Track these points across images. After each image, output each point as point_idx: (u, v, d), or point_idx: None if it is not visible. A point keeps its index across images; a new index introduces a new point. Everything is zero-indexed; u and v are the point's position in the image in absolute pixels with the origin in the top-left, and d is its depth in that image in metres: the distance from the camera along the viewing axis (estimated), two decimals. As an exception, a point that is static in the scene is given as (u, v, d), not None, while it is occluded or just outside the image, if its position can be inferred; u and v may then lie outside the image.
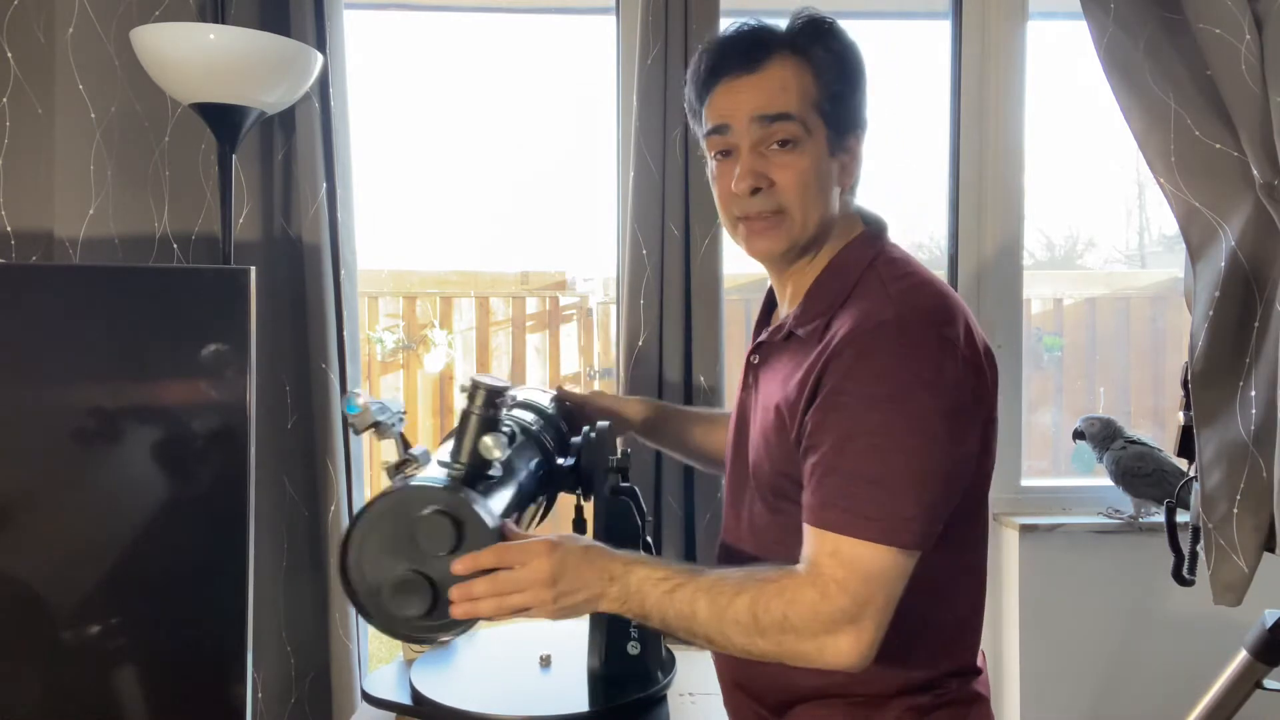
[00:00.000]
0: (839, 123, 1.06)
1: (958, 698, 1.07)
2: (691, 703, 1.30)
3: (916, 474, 0.93)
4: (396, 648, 1.47)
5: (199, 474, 1.40)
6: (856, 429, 0.94)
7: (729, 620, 0.94)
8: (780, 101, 1.04)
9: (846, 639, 0.92)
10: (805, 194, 1.05)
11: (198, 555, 1.38)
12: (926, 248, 2.39)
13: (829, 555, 0.94)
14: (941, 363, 0.95)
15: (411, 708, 1.23)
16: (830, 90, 1.05)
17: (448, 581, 0.94)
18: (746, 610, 0.93)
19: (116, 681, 1.38)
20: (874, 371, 0.95)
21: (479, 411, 1.00)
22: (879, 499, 0.93)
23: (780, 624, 0.92)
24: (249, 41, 1.52)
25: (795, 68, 1.05)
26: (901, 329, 0.96)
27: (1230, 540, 1.59)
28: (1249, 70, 1.53)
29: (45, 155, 1.73)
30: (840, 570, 0.93)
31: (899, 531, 0.93)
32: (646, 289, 1.82)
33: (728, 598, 0.94)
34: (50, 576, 1.37)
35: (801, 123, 1.04)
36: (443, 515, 0.93)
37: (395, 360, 4.12)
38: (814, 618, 0.92)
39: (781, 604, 0.93)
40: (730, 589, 0.94)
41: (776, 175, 1.05)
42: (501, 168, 4.15)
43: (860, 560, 0.93)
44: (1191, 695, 1.65)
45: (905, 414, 0.94)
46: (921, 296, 1.00)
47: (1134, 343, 3.30)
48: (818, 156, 1.05)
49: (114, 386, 1.39)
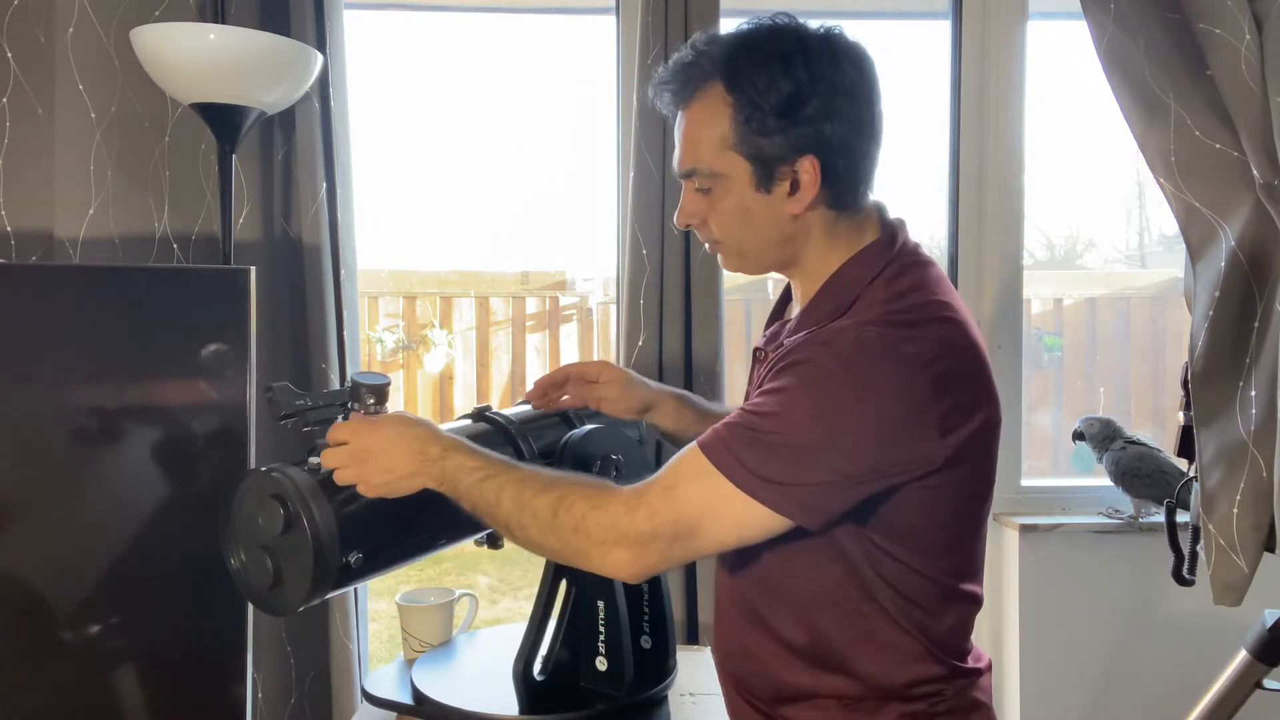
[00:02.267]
0: (764, 158, 1.01)
1: (956, 705, 1.05)
2: (692, 703, 1.30)
3: (803, 450, 0.93)
4: (396, 648, 1.47)
5: (199, 474, 1.40)
6: (777, 401, 0.95)
7: (529, 512, 0.98)
8: (688, 156, 1.05)
9: (627, 554, 0.96)
10: (730, 230, 1.06)
11: (198, 555, 1.38)
12: (927, 248, 2.38)
13: (663, 486, 0.96)
14: (888, 371, 0.93)
15: (412, 707, 1.23)
16: (746, 129, 1.00)
17: (287, 565, 1.03)
18: (548, 507, 0.97)
19: (116, 682, 1.38)
20: (817, 361, 0.95)
21: (362, 409, 1.07)
22: (754, 451, 0.94)
23: (575, 525, 0.96)
24: (249, 41, 1.52)
25: (713, 105, 1.02)
26: (860, 334, 0.95)
27: (1230, 540, 1.59)
28: (1249, 70, 1.53)
29: (45, 155, 1.73)
30: (661, 502, 0.95)
31: (755, 485, 0.93)
32: (646, 289, 1.82)
33: (533, 492, 0.99)
34: (50, 576, 1.36)
35: (709, 173, 1.03)
36: (275, 499, 1.01)
37: (395, 360, 4.12)
38: (609, 527, 0.96)
39: (585, 507, 0.97)
40: (539, 485, 0.99)
41: (705, 214, 1.07)
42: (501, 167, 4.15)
43: (690, 495, 0.95)
44: (1191, 695, 1.65)
45: (823, 400, 0.93)
46: (901, 311, 0.98)
47: (1134, 343, 3.30)
48: (740, 196, 1.03)
49: (114, 386, 1.39)
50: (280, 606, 1.05)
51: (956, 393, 0.96)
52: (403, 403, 4.09)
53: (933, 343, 0.95)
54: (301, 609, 1.03)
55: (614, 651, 1.20)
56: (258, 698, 1.82)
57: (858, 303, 1.01)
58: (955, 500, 1.01)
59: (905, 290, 1.01)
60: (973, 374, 0.98)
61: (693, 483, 0.95)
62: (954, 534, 1.04)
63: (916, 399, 0.93)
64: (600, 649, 1.21)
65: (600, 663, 1.21)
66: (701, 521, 0.95)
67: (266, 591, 1.04)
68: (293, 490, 1.00)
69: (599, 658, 1.21)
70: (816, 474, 0.93)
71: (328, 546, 1.00)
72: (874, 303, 1.00)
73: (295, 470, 1.03)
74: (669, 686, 1.27)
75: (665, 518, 0.95)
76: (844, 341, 0.95)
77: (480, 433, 1.19)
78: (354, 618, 1.83)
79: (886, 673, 1.03)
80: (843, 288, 1.04)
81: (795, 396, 0.94)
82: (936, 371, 0.94)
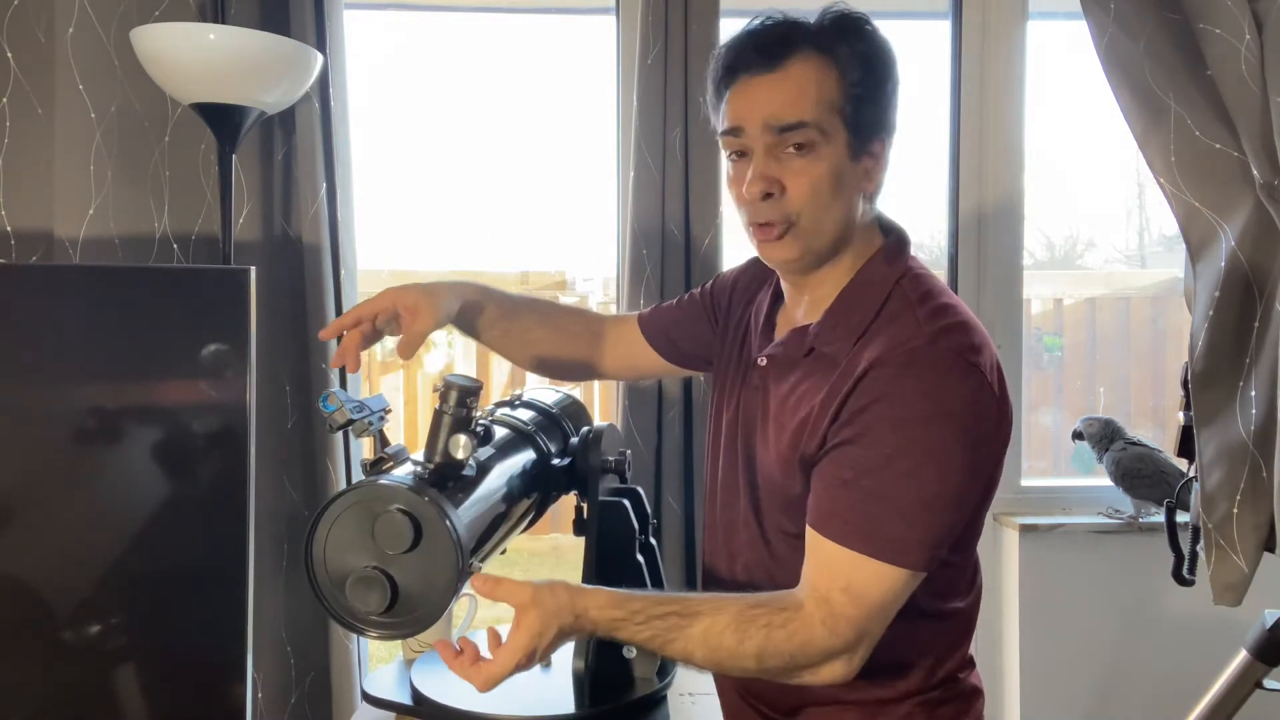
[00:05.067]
0: (862, 127, 1.01)
1: (960, 691, 1.09)
2: (692, 703, 1.30)
3: (931, 500, 0.94)
4: (396, 648, 1.47)
5: (199, 474, 1.40)
6: (877, 450, 0.95)
7: (731, 667, 0.96)
8: (796, 108, 0.99)
9: (841, 664, 0.95)
10: (818, 201, 1.00)
11: (197, 555, 1.38)
12: (927, 248, 2.38)
13: (841, 591, 0.94)
14: (967, 393, 0.96)
15: (412, 708, 1.22)
16: (854, 92, 1.00)
17: (407, 580, 0.95)
18: (753, 656, 0.95)
19: (116, 681, 1.38)
20: (901, 396, 0.95)
21: (450, 411, 1.01)
22: (893, 520, 0.94)
23: (787, 663, 0.95)
24: (249, 41, 1.52)
25: (818, 67, 0.99)
26: (932, 357, 0.96)
27: (1230, 540, 1.59)
28: (1249, 70, 1.53)
29: (45, 155, 1.73)
30: (851, 607, 0.94)
31: (910, 554, 0.94)
32: (646, 289, 1.82)
33: (729, 649, 0.95)
34: (50, 576, 1.36)
35: (818, 128, 0.99)
36: (403, 514, 0.93)
37: (395, 360, 4.12)
38: (819, 652, 0.95)
39: (792, 647, 0.94)
40: (731, 638, 0.94)
41: (789, 181, 1.00)
42: (501, 168, 4.15)
43: (870, 591, 0.94)
44: (1191, 695, 1.65)
45: (927, 440, 0.94)
46: (952, 324, 0.99)
47: (1134, 343, 3.30)
48: (836, 162, 1.00)
49: (114, 386, 1.39)
50: (403, 628, 0.97)
51: (1005, 401, 1.01)
52: (402, 403, 4.09)
53: (987, 354, 0.99)
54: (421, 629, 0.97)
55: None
56: (258, 698, 1.82)
57: (889, 304, 1.02)
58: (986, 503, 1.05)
59: (936, 293, 1.03)
60: (1000, 373, 1.01)
61: (860, 573, 0.94)
62: (977, 527, 1.07)
63: (993, 414, 0.98)
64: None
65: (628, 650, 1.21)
66: (887, 606, 0.96)
67: (378, 615, 0.96)
68: (421, 500, 0.94)
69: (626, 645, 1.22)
70: (946, 517, 0.96)
71: (466, 551, 0.95)
72: (914, 303, 1.01)
73: (401, 478, 0.97)
74: (668, 686, 1.27)
75: (862, 621, 0.95)
76: (927, 368, 0.96)
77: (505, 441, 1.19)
78: (354, 618, 1.83)
79: (916, 674, 1.06)
80: (867, 290, 1.04)
81: (897, 443, 0.95)
82: (993, 380, 0.98)
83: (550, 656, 0.99)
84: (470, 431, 1.01)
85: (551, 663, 1.30)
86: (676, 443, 1.83)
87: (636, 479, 1.75)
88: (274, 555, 1.83)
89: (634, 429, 1.82)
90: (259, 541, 1.47)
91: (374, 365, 4.06)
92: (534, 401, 1.31)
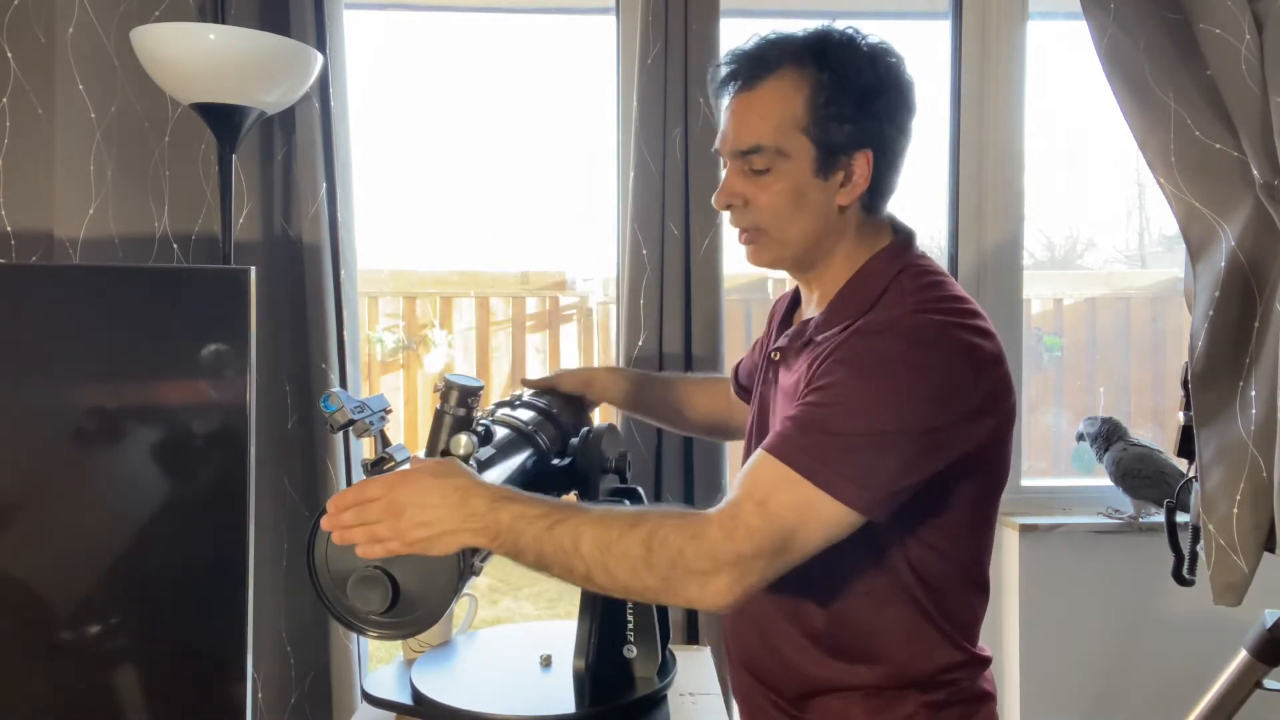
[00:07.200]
0: (832, 144, 1.04)
1: (968, 694, 1.09)
2: (692, 703, 1.30)
3: (878, 438, 0.94)
4: (396, 648, 1.47)
5: (199, 474, 1.40)
6: (834, 389, 0.97)
7: (618, 553, 0.92)
8: (753, 134, 1.05)
9: (726, 579, 0.92)
10: (779, 216, 1.06)
11: (198, 555, 1.38)
12: (926, 247, 2.38)
13: (754, 502, 0.93)
14: (937, 360, 0.97)
15: (412, 708, 1.23)
16: (823, 112, 1.03)
17: (408, 580, 0.95)
18: (640, 543, 0.92)
19: (116, 681, 1.38)
20: (869, 347, 0.98)
21: (451, 411, 1.02)
22: (833, 448, 0.94)
23: (673, 558, 0.92)
24: (249, 41, 1.52)
25: (791, 86, 1.04)
26: (910, 323, 0.99)
27: (1230, 540, 1.59)
28: (1249, 70, 1.53)
29: (45, 155, 1.73)
30: (757, 517, 0.93)
31: (841, 485, 0.93)
32: (646, 289, 1.82)
33: (619, 530, 0.92)
34: (50, 576, 1.36)
35: (776, 150, 1.04)
36: None
37: (395, 360, 4.12)
38: (708, 555, 0.92)
39: (682, 538, 0.92)
40: (623, 522, 0.93)
41: (751, 195, 1.07)
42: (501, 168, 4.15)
43: (784, 510, 0.93)
44: (1191, 695, 1.65)
45: (885, 382, 0.95)
46: (944, 305, 1.01)
47: (1134, 343, 3.30)
48: (800, 179, 1.05)
49: (114, 386, 1.39)
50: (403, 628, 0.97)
51: (993, 376, 1.00)
52: (402, 403, 4.09)
53: (971, 330, 1.00)
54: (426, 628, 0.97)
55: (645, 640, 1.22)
56: (258, 698, 1.82)
57: (886, 294, 1.05)
58: (981, 486, 1.05)
59: (934, 284, 1.05)
60: (999, 362, 1.02)
61: (782, 493, 0.93)
62: (977, 521, 1.08)
63: (963, 381, 0.97)
64: (629, 636, 1.23)
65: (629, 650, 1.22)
66: (796, 531, 0.93)
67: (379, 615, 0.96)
68: None
69: (627, 645, 1.22)
70: (889, 460, 0.94)
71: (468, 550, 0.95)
72: (906, 293, 1.03)
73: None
74: (669, 686, 1.28)
75: (764, 534, 0.92)
76: (900, 329, 0.98)
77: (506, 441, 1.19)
78: (354, 618, 1.83)
79: (913, 661, 1.06)
80: (868, 282, 1.07)
81: (856, 387, 0.96)
82: (977, 356, 0.99)
83: (420, 528, 0.93)
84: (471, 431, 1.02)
85: (551, 662, 1.30)
86: (676, 443, 1.83)
87: (636, 479, 1.75)
88: (274, 555, 1.83)
89: (634, 429, 1.82)
90: (259, 541, 1.47)
91: (374, 365, 4.06)
92: (534, 402, 1.32)
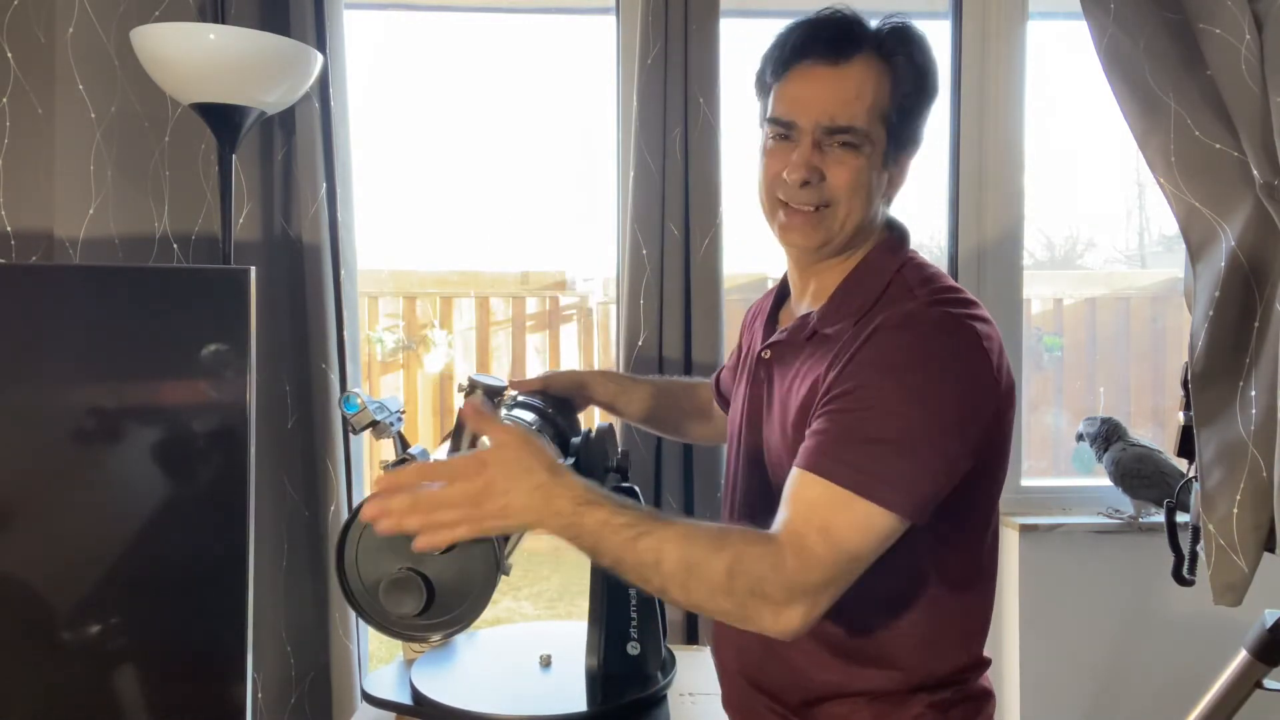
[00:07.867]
0: (900, 138, 1.05)
1: (972, 693, 1.09)
2: (692, 703, 1.30)
3: (917, 440, 0.93)
4: (396, 648, 1.47)
5: (199, 474, 1.40)
6: (864, 394, 0.95)
7: (700, 575, 0.90)
8: (850, 112, 1.02)
9: (802, 608, 0.90)
10: (854, 195, 1.04)
11: (198, 555, 1.38)
12: (926, 248, 2.38)
13: (817, 531, 0.91)
14: (959, 346, 0.97)
15: (412, 708, 1.23)
16: (902, 104, 1.04)
17: (443, 581, 0.95)
18: (724, 569, 0.89)
19: (116, 681, 1.38)
20: (891, 346, 0.96)
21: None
22: (875, 457, 0.92)
23: (753, 587, 0.90)
24: (249, 41, 1.52)
25: (876, 72, 1.03)
26: (928, 317, 0.98)
27: (1230, 540, 1.59)
28: (1249, 70, 1.53)
29: (45, 155, 1.73)
30: (824, 548, 0.91)
31: (891, 494, 0.91)
32: (646, 289, 1.82)
33: (703, 552, 0.90)
34: (50, 576, 1.36)
35: (865, 134, 1.03)
36: None
37: (395, 360, 4.12)
38: (787, 586, 0.90)
39: (763, 568, 0.90)
40: (706, 544, 0.91)
41: (830, 171, 1.03)
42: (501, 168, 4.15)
43: (847, 535, 0.91)
44: (1191, 695, 1.65)
45: (913, 383, 0.94)
46: (952, 298, 1.02)
47: (1134, 343, 3.30)
48: (871, 165, 1.04)
49: (114, 386, 1.39)
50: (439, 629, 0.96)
51: (1004, 365, 1.01)
52: (402, 403, 4.09)
53: (979, 319, 1.00)
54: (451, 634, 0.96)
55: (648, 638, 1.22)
56: (258, 698, 1.82)
57: (891, 288, 1.04)
58: (993, 482, 1.05)
59: (938, 276, 1.05)
60: (1004, 350, 1.02)
61: (840, 516, 0.92)
62: (988, 517, 1.08)
63: (985, 370, 0.97)
64: (632, 634, 1.23)
65: (632, 647, 1.22)
66: (861, 551, 0.92)
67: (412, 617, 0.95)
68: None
69: (631, 643, 1.22)
70: (934, 460, 0.93)
71: (500, 550, 0.94)
72: (913, 286, 1.03)
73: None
74: (669, 685, 1.28)
75: (833, 563, 0.91)
76: (919, 322, 0.97)
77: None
78: (354, 618, 1.83)
79: (925, 663, 1.05)
80: (869, 276, 1.07)
81: (889, 387, 0.95)
82: (990, 345, 0.99)
83: (506, 523, 0.90)
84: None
85: (551, 662, 1.30)
86: (676, 442, 1.83)
87: (636, 478, 1.75)
88: (274, 555, 1.83)
89: (634, 429, 1.82)
90: (259, 541, 1.47)
91: (374, 365, 4.06)
92: (530, 403, 1.31)
